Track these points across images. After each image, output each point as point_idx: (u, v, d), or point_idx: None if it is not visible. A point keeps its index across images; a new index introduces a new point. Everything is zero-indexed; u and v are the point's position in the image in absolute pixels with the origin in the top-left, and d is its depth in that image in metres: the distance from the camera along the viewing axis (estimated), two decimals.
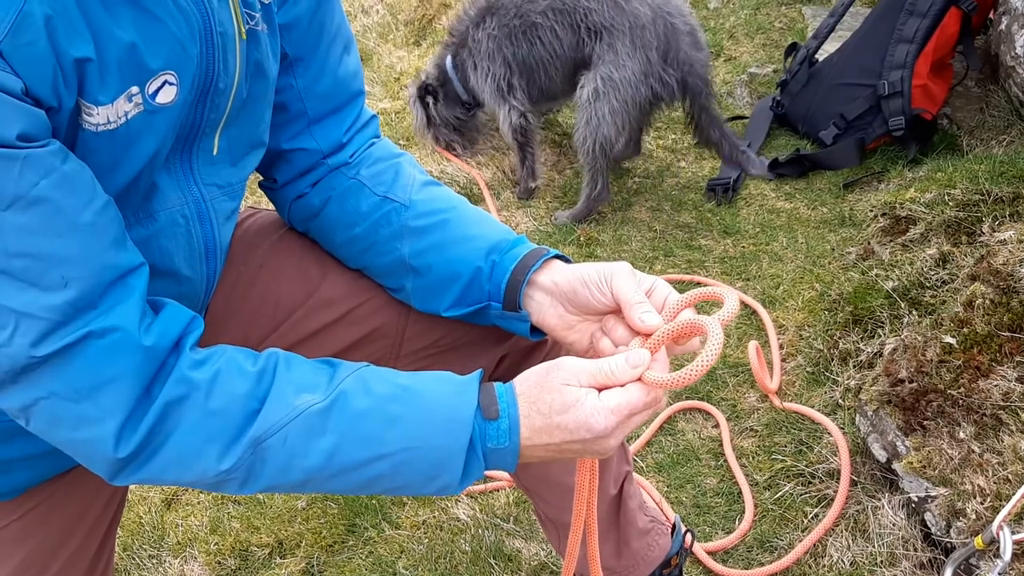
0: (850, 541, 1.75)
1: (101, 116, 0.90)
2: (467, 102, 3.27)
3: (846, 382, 2.07)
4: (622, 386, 0.97)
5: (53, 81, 0.84)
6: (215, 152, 1.08)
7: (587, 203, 3.00)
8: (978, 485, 1.55)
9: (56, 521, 1.20)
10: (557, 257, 1.15)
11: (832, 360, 2.17)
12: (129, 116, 0.93)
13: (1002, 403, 1.63)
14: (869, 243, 2.46)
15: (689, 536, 1.52)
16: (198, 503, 2.19)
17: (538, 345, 1.27)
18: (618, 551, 1.42)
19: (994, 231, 2.06)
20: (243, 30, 1.03)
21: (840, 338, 2.18)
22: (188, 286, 1.12)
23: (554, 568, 1.84)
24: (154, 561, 2.07)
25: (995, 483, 1.54)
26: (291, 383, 0.96)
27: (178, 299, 1.00)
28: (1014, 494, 1.43)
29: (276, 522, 2.07)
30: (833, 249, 2.65)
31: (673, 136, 3.44)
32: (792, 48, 3.44)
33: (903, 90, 2.89)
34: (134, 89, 0.92)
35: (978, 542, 1.41)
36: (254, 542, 2.03)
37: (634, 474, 1.46)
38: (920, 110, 2.89)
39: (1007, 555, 1.35)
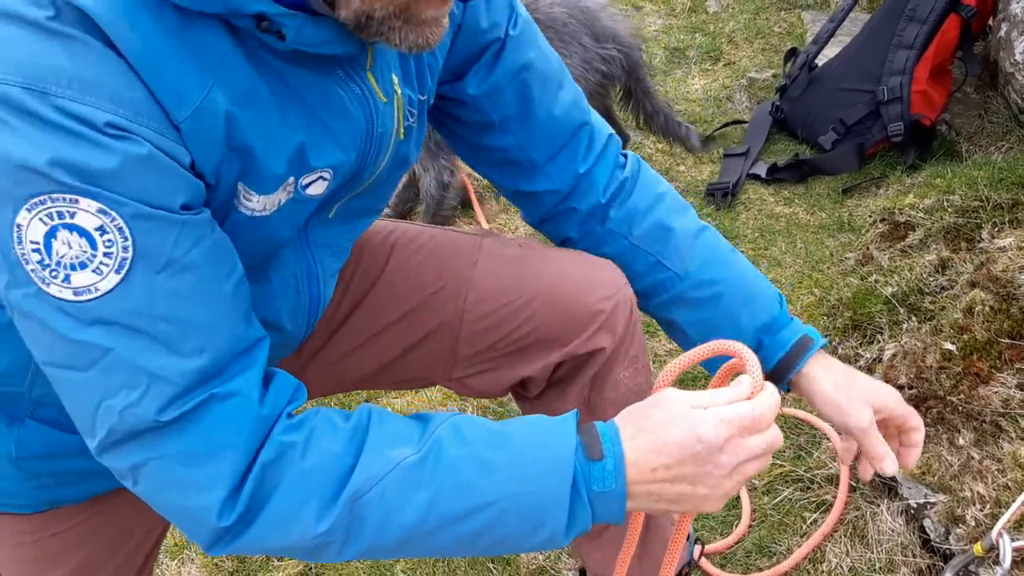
0: (849, 547, 1.75)
1: (258, 204, 0.94)
2: None
3: None
4: None
5: (218, 163, 0.88)
6: (330, 216, 1.10)
7: None
8: (977, 492, 1.55)
9: (113, 528, 1.23)
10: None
11: None
12: (280, 204, 0.96)
13: (1002, 410, 1.63)
14: (868, 248, 2.47)
15: (699, 546, 1.52)
16: None
17: (596, 352, 1.25)
18: (640, 559, 1.41)
19: (993, 238, 2.07)
20: (403, 131, 1.07)
21: (839, 344, 2.18)
22: (287, 338, 1.15)
23: (552, 572, 1.83)
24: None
25: (994, 490, 1.54)
26: (384, 437, 0.94)
27: (274, 349, 1.02)
28: (1013, 501, 1.44)
29: None
30: (832, 254, 2.65)
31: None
32: (792, 53, 3.45)
33: (902, 96, 2.90)
34: (290, 180, 0.95)
35: (977, 549, 1.41)
36: None
37: None
38: (919, 116, 2.90)
39: (1007, 562, 1.35)
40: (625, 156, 1.30)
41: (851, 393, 1.18)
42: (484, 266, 1.27)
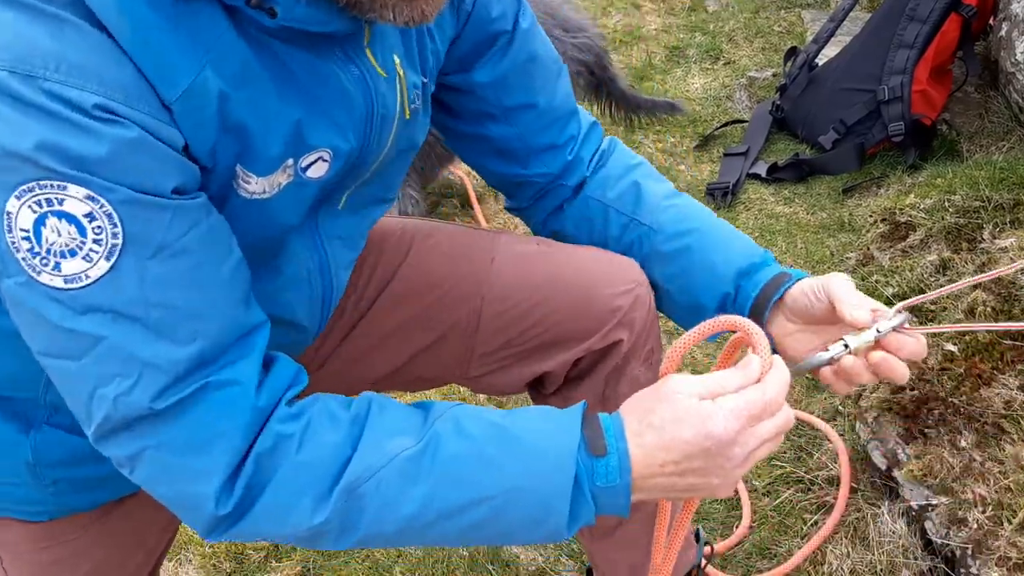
0: (849, 549, 1.74)
1: (257, 186, 0.93)
2: None
3: None
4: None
5: (213, 145, 0.87)
6: (340, 207, 1.09)
7: None
8: (979, 494, 1.55)
9: (124, 535, 1.22)
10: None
11: None
12: (281, 187, 0.94)
13: (1004, 411, 1.63)
14: (868, 249, 2.46)
15: (708, 548, 1.51)
16: None
17: (613, 347, 1.25)
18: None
19: (995, 238, 2.06)
20: (408, 112, 1.06)
21: None
22: (303, 334, 1.13)
23: (552, 574, 1.83)
24: None
25: (996, 492, 1.54)
26: (383, 428, 0.92)
27: (290, 345, 1.00)
28: (1015, 503, 1.43)
29: None
30: (832, 254, 2.64)
31: (672, 139, 3.43)
32: (792, 52, 3.44)
33: (903, 95, 2.89)
34: (289, 161, 0.94)
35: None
36: (249, 546, 2.02)
37: None
38: (920, 115, 2.89)
39: (892, 323, 1.01)
40: (603, 137, 1.34)
41: (815, 280, 1.10)
42: (501, 263, 1.27)
